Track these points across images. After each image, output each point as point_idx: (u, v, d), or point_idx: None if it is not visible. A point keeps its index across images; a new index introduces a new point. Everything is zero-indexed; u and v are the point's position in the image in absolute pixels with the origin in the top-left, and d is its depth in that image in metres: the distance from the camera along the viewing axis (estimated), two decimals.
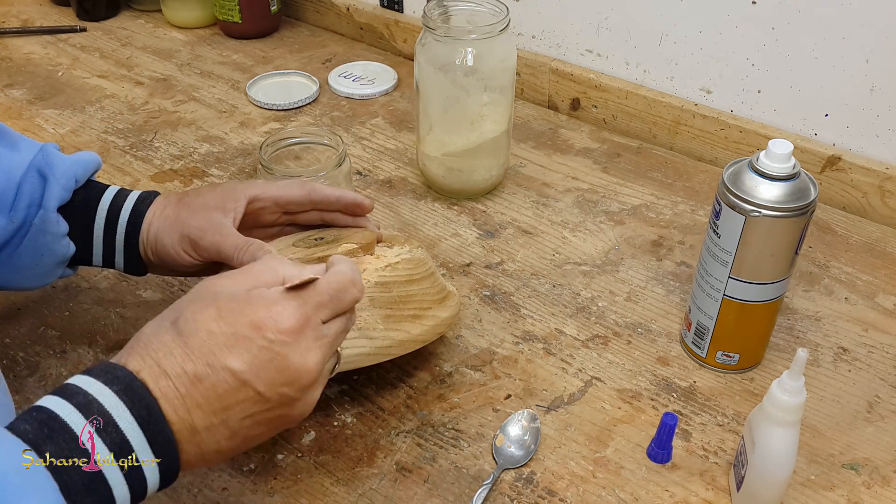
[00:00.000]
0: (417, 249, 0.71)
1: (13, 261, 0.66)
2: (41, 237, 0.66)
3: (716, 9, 0.95)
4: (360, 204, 0.71)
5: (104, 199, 0.69)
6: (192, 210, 0.67)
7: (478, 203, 0.94)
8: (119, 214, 0.68)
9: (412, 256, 0.69)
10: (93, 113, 1.10)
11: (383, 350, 0.64)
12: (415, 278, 0.68)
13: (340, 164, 0.79)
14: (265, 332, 0.47)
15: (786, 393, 0.56)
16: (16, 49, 1.26)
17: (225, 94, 1.15)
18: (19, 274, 0.68)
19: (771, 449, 0.57)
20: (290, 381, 0.48)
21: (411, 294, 0.67)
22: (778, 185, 0.63)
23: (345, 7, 1.29)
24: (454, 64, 0.85)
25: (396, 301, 0.66)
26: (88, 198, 0.68)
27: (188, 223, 0.66)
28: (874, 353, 0.75)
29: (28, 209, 0.65)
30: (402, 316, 0.66)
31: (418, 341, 0.67)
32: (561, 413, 0.69)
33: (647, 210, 0.93)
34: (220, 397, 0.46)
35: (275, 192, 0.69)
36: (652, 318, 0.79)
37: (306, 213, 0.71)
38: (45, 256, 0.67)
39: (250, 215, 0.68)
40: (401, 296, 0.66)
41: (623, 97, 1.05)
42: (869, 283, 0.83)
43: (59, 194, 0.66)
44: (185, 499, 0.62)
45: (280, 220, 0.71)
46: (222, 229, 0.65)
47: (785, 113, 0.96)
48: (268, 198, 0.69)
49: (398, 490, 0.63)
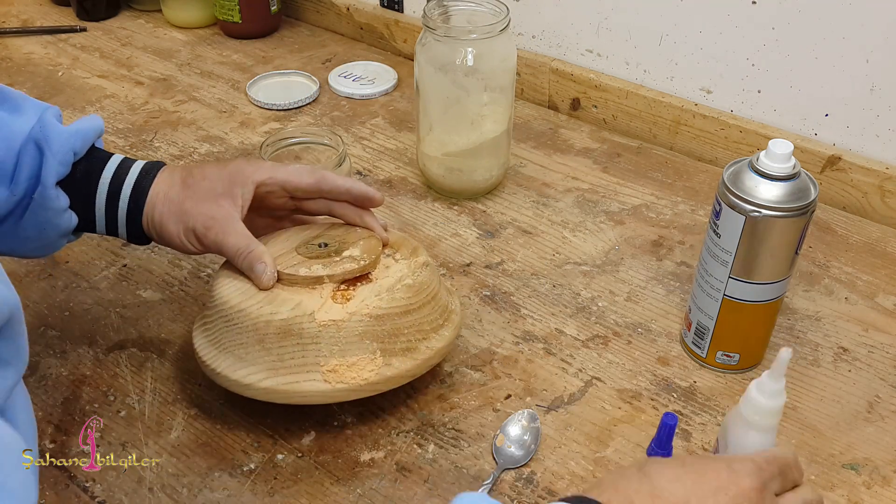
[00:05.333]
0: (423, 269, 0.68)
1: (17, 232, 0.65)
2: (41, 212, 0.64)
3: (716, 9, 0.95)
4: (370, 197, 0.70)
5: (106, 172, 0.67)
6: (197, 197, 0.66)
7: (478, 203, 0.94)
8: (121, 189, 0.67)
9: (414, 282, 0.66)
10: (93, 113, 1.10)
11: (368, 387, 0.63)
12: (413, 308, 0.65)
13: (340, 164, 0.80)
14: (729, 489, 0.48)
15: (764, 395, 0.52)
16: (16, 49, 1.26)
17: (225, 94, 1.15)
18: (24, 245, 0.67)
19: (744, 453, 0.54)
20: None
21: (406, 325, 0.64)
22: (778, 184, 0.63)
23: (345, 7, 1.29)
24: (454, 64, 0.85)
25: (389, 335, 0.64)
26: (90, 170, 0.67)
27: (193, 214, 0.65)
28: (874, 353, 0.75)
29: (28, 182, 0.64)
30: (393, 350, 0.64)
31: (406, 377, 0.64)
32: (561, 413, 0.69)
33: (647, 210, 0.93)
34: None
35: (283, 178, 0.68)
36: (652, 318, 0.79)
37: (314, 201, 0.71)
38: (48, 230, 0.66)
39: (257, 198, 0.68)
40: (395, 328, 0.64)
41: (623, 97, 1.05)
42: (869, 283, 0.83)
43: (57, 169, 0.64)
44: (185, 499, 0.62)
45: (287, 204, 0.71)
46: (227, 226, 0.65)
47: (785, 113, 0.96)
48: (276, 183, 0.68)
49: (398, 490, 0.63)
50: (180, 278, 0.83)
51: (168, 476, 0.64)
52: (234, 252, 0.65)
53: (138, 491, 0.63)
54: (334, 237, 0.69)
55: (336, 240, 0.69)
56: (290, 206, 0.71)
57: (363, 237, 0.70)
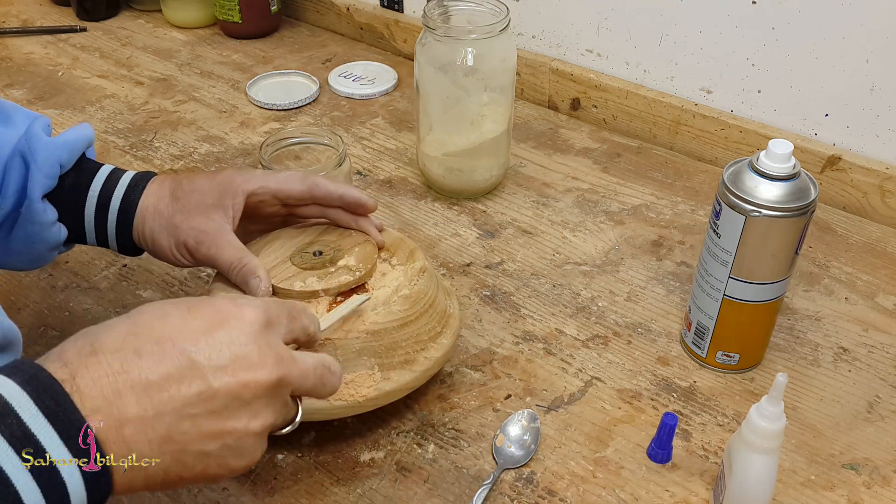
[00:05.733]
0: (419, 276, 0.67)
1: (7, 246, 0.65)
2: (29, 226, 0.64)
3: (716, 8, 0.95)
4: (362, 203, 0.69)
5: (94, 185, 0.66)
6: (187, 211, 0.65)
7: (478, 203, 0.94)
8: (109, 202, 0.66)
9: (411, 292, 0.66)
10: (93, 113, 1.10)
11: (369, 402, 0.62)
12: (410, 319, 0.64)
13: (340, 164, 0.79)
14: (228, 321, 0.45)
15: (764, 419, 0.54)
16: (16, 49, 1.26)
17: (225, 94, 1.15)
18: (15, 258, 0.67)
19: (749, 476, 0.56)
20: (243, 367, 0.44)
21: (404, 338, 0.64)
22: (778, 185, 0.63)
23: (345, 7, 1.29)
24: (454, 64, 0.85)
25: (387, 349, 0.63)
26: (78, 182, 0.66)
27: (183, 228, 0.64)
28: (874, 353, 0.75)
29: (15, 196, 0.63)
30: (391, 363, 0.63)
31: (405, 389, 0.64)
32: (561, 413, 0.69)
33: (647, 210, 0.93)
34: (162, 380, 0.41)
35: (274, 187, 0.67)
36: (652, 318, 0.79)
37: (307, 207, 0.70)
38: (37, 244, 0.65)
39: (249, 207, 0.67)
40: (393, 341, 0.63)
41: (623, 97, 1.05)
42: (869, 283, 0.83)
43: (42, 182, 0.63)
44: (185, 499, 0.62)
45: (280, 211, 0.70)
46: (219, 240, 0.64)
47: (785, 113, 0.96)
48: (267, 192, 0.67)
49: (398, 490, 0.63)
50: (180, 278, 0.83)
51: None
52: (228, 266, 0.63)
53: None
54: (329, 243, 0.68)
55: (331, 246, 0.68)
56: (282, 213, 0.70)
57: (358, 242, 0.69)
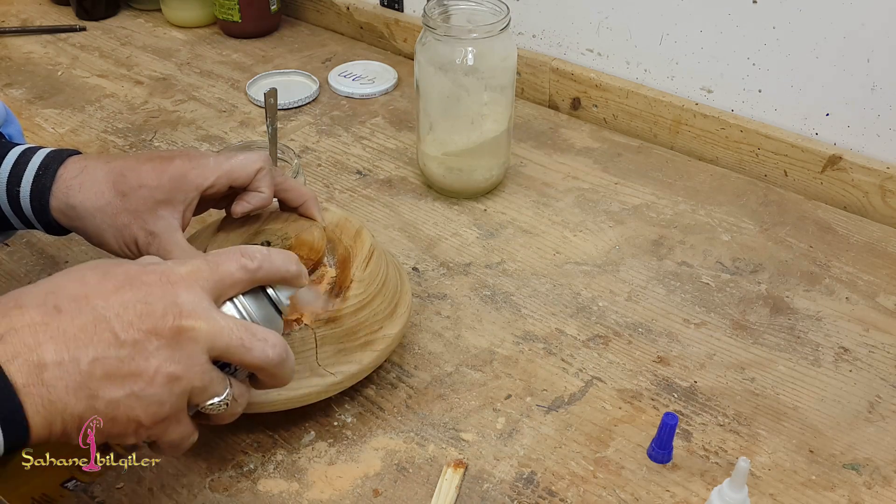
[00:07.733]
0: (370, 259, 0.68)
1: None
2: None
3: (716, 8, 0.95)
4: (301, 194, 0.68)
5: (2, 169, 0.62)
6: (133, 208, 0.61)
7: (478, 203, 0.94)
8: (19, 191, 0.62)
9: (363, 275, 0.67)
10: (92, 112, 1.10)
11: (334, 386, 0.64)
12: (365, 302, 0.66)
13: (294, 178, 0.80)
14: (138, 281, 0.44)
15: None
16: (15, 48, 1.26)
17: (225, 94, 1.15)
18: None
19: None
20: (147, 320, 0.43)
21: (362, 321, 0.65)
22: None
23: (345, 6, 1.28)
24: (454, 63, 0.85)
25: (347, 333, 0.65)
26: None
27: (131, 228, 0.62)
28: (875, 353, 0.75)
29: None
30: (352, 347, 0.65)
31: (369, 368, 0.66)
32: (561, 413, 0.69)
33: (647, 210, 0.93)
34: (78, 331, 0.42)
35: (226, 182, 0.65)
36: (652, 317, 0.78)
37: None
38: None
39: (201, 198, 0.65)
40: (351, 326, 0.65)
41: (624, 96, 1.05)
42: (870, 283, 0.83)
43: None
44: (185, 499, 0.62)
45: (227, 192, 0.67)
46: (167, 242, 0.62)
47: (785, 112, 0.95)
48: (222, 184, 0.65)
49: (398, 490, 0.63)
50: None
51: (168, 476, 0.64)
52: None
53: (138, 491, 0.62)
54: (276, 233, 0.67)
55: (278, 234, 0.67)
56: (229, 194, 0.67)
57: (304, 228, 0.68)
